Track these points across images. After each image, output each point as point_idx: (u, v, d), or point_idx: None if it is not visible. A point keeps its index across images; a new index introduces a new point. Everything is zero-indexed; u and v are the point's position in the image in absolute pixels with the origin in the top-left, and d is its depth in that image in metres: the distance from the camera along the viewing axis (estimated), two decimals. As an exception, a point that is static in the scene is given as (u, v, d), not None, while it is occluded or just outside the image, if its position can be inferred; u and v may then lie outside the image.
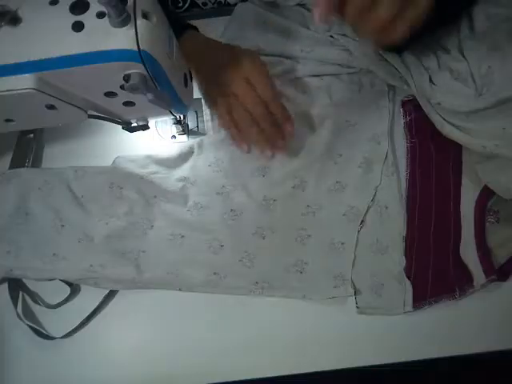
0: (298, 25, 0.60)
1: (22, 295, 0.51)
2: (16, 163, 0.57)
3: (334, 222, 0.51)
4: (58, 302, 0.50)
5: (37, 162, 0.58)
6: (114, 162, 0.56)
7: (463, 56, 0.53)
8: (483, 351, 0.46)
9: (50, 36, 0.37)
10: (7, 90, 0.38)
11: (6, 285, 0.51)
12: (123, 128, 0.51)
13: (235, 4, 0.63)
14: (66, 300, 0.50)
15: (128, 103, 0.44)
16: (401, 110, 0.57)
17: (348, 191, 0.53)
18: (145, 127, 0.52)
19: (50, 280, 0.50)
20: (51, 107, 0.41)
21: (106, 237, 0.51)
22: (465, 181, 0.52)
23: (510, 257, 0.47)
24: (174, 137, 0.58)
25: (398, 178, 0.53)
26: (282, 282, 0.49)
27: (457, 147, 0.53)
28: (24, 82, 0.38)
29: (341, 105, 0.57)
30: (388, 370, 0.46)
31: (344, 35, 0.59)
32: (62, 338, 0.49)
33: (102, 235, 0.51)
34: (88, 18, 0.36)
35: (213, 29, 0.61)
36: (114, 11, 0.34)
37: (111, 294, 0.51)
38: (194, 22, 0.58)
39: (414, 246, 0.50)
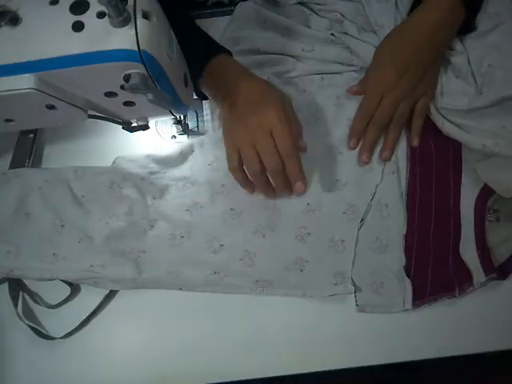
0: (298, 24, 0.60)
1: (22, 295, 0.51)
2: (16, 163, 0.57)
3: (334, 220, 0.51)
4: (58, 302, 0.50)
5: (37, 162, 0.58)
6: (114, 162, 0.56)
7: (463, 47, 0.53)
8: (483, 351, 0.46)
9: (49, 36, 0.37)
10: (7, 90, 0.38)
11: (6, 285, 0.51)
12: (123, 128, 0.51)
13: (236, 3, 0.63)
14: (66, 300, 0.50)
15: (128, 103, 0.44)
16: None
17: (348, 189, 0.53)
18: (145, 127, 0.52)
19: (50, 280, 0.50)
20: (51, 107, 0.41)
21: (106, 237, 0.51)
22: (465, 179, 0.52)
23: (509, 255, 0.47)
24: (174, 137, 0.58)
25: (399, 177, 0.53)
26: (282, 281, 0.49)
27: (457, 146, 0.53)
28: (24, 82, 0.37)
29: (341, 103, 0.57)
30: (388, 370, 0.46)
31: (345, 33, 0.59)
32: (61, 338, 0.49)
33: (102, 235, 0.51)
34: (88, 17, 0.36)
35: (214, 29, 0.61)
36: (114, 11, 0.34)
37: (111, 294, 0.51)
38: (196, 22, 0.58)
39: (414, 244, 0.50)
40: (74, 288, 0.51)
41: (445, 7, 0.50)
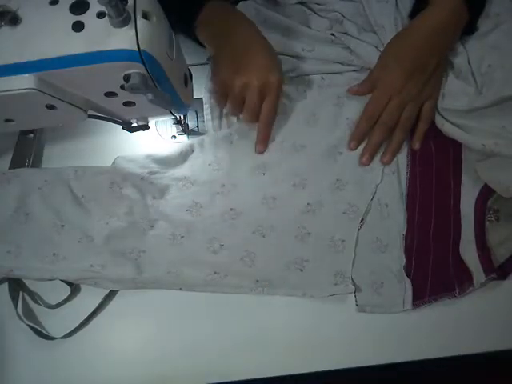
0: (299, 23, 0.60)
1: (22, 295, 0.51)
2: (16, 163, 0.57)
3: (334, 220, 0.51)
4: (57, 302, 0.50)
5: (37, 162, 0.58)
6: (114, 162, 0.56)
7: (463, 47, 0.54)
8: (483, 351, 0.46)
9: (49, 36, 0.37)
10: (7, 90, 0.38)
11: (6, 285, 0.51)
12: (123, 128, 0.51)
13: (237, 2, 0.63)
14: (66, 300, 0.50)
15: (128, 103, 0.44)
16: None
17: (348, 189, 0.53)
18: (145, 127, 0.52)
19: (50, 280, 0.50)
20: (51, 107, 0.41)
21: (106, 237, 0.51)
22: (465, 179, 0.52)
23: (509, 255, 0.47)
24: (174, 137, 0.58)
25: (399, 177, 0.53)
26: (282, 280, 0.49)
27: (457, 146, 0.53)
28: (24, 82, 0.38)
29: (341, 103, 0.57)
30: (388, 370, 0.46)
31: (345, 33, 0.59)
32: (62, 338, 0.49)
33: (102, 235, 0.51)
34: (88, 17, 0.36)
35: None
36: (114, 11, 0.34)
37: (111, 294, 0.51)
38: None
39: (414, 244, 0.50)
40: (74, 288, 0.51)
41: (448, 10, 0.50)
